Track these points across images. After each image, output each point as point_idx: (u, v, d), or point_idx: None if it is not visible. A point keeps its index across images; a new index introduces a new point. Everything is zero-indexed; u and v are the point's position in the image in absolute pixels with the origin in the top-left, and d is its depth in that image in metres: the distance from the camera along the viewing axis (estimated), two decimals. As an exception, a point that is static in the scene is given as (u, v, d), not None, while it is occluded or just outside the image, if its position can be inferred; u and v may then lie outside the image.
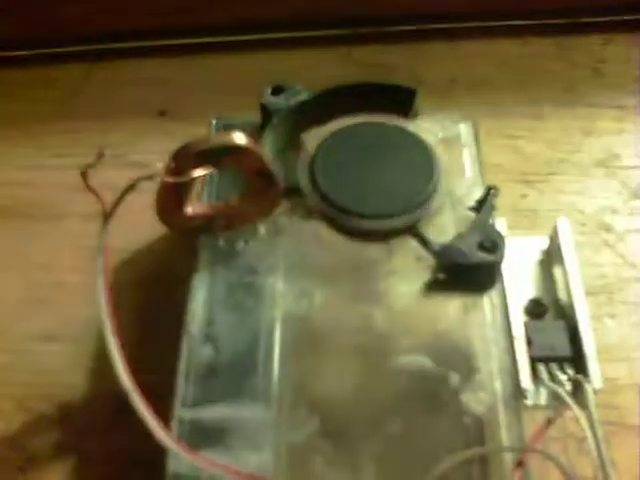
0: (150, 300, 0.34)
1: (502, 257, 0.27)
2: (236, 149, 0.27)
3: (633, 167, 0.39)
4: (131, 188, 0.25)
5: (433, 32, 0.44)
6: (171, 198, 0.27)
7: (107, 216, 0.26)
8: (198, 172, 0.26)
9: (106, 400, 0.31)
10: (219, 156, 0.27)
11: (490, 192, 0.29)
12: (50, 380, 0.32)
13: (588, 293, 0.33)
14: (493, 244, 0.27)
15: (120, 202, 0.26)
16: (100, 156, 0.25)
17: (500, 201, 0.31)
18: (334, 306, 0.29)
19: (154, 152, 0.27)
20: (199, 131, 0.32)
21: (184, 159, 0.26)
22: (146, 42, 0.43)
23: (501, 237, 0.28)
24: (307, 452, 0.25)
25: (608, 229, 0.36)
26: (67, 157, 0.26)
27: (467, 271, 0.28)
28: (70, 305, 0.34)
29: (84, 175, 0.26)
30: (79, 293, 0.34)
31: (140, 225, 0.34)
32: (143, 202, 0.28)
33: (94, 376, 0.32)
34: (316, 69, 0.43)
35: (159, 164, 0.26)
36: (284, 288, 0.29)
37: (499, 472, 0.25)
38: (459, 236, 0.28)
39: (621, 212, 0.37)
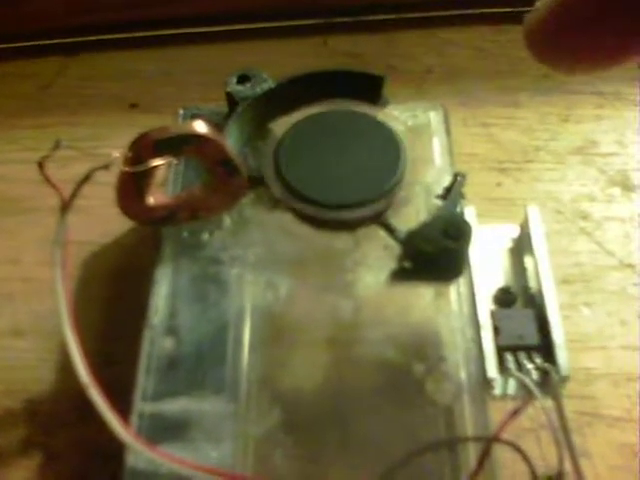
0: (118, 293, 0.34)
1: (468, 245, 0.27)
2: (196, 138, 0.27)
3: (611, 154, 0.38)
4: (87, 179, 0.25)
5: (408, 21, 0.44)
6: (131, 188, 0.27)
7: (64, 208, 0.26)
8: (156, 162, 0.26)
9: (74, 395, 0.30)
10: (179, 145, 0.27)
11: (457, 179, 0.29)
12: (17, 375, 0.32)
13: (564, 281, 0.33)
14: (458, 231, 0.27)
15: (77, 194, 0.25)
16: (56, 146, 0.25)
17: (475, 190, 0.30)
18: (301, 297, 0.28)
19: (125, 145, 0.27)
20: (172, 123, 0.32)
21: (143, 148, 0.26)
22: (117, 35, 0.43)
23: (467, 224, 0.27)
24: (270, 445, 0.25)
25: (585, 217, 0.36)
26: (37, 151, 0.26)
27: (433, 259, 0.27)
28: (38, 300, 0.33)
29: (41, 166, 0.25)
30: (48, 288, 0.33)
31: (108, 218, 0.33)
32: (111, 194, 0.27)
33: (62, 371, 0.31)
34: (291, 59, 0.42)
35: (115, 154, 0.25)
36: (250, 279, 0.28)
37: (465, 463, 0.25)
38: (424, 224, 0.27)
39: (598, 200, 0.37)
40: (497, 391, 0.26)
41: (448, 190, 0.29)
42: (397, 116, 0.31)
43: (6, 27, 0.43)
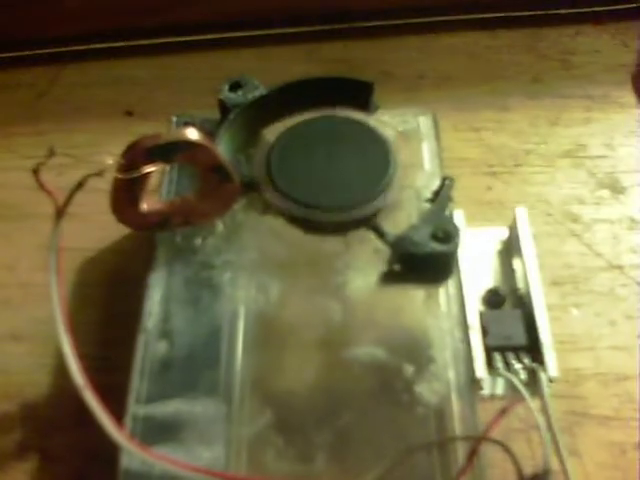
0: (114, 298, 0.34)
1: (456, 247, 0.27)
2: (188, 145, 0.27)
3: (600, 157, 0.39)
4: (80, 186, 0.25)
5: (401, 27, 0.44)
6: (124, 195, 0.27)
7: (59, 214, 0.26)
8: (148, 168, 0.26)
9: (71, 399, 0.30)
10: (172, 152, 0.27)
11: (445, 183, 0.29)
12: (14, 379, 0.32)
13: (554, 283, 0.34)
14: (446, 234, 0.27)
15: (70, 200, 0.26)
16: (51, 154, 0.26)
17: (466, 193, 0.31)
18: (292, 300, 0.29)
19: (121, 152, 0.27)
20: (166, 130, 0.33)
21: (135, 156, 0.26)
22: (112, 43, 0.43)
23: (455, 227, 0.28)
24: (262, 445, 0.25)
25: (575, 219, 0.36)
26: (34, 159, 0.26)
27: (422, 262, 0.28)
28: (35, 305, 0.34)
29: (35, 172, 0.26)
30: (44, 293, 0.34)
31: (104, 224, 0.34)
32: (106, 201, 0.28)
33: (58, 375, 0.32)
34: (284, 67, 0.43)
35: (109, 161, 0.26)
36: (242, 283, 0.29)
37: (454, 462, 0.25)
38: (413, 227, 0.28)
39: (587, 202, 0.37)
40: (486, 391, 0.27)
41: (437, 194, 0.29)
42: (387, 121, 0.32)
43: (0, 36, 0.43)
